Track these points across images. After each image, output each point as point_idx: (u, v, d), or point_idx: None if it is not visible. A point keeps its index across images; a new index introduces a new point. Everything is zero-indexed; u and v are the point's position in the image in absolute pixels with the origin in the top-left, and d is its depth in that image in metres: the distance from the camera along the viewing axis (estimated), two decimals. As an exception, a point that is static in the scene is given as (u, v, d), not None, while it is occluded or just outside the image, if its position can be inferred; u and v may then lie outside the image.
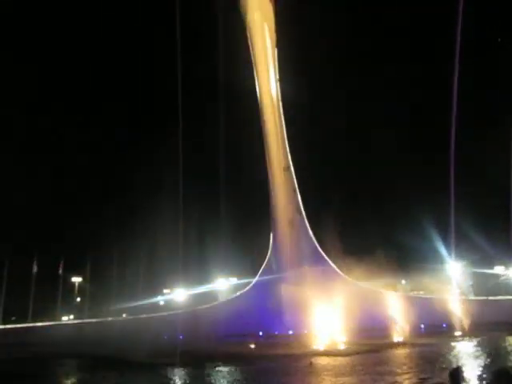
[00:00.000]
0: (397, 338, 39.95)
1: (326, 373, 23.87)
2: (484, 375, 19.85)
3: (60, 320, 67.84)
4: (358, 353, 30.53)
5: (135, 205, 74.89)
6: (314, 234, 58.47)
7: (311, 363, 26.35)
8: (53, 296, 67.90)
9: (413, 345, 35.85)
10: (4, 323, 63.61)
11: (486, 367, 22.03)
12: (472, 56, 59.20)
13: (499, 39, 67.08)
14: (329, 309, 26.77)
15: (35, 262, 69.18)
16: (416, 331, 44.81)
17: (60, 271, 73.13)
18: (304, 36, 59.63)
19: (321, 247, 58.00)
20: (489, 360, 25.48)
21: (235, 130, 60.50)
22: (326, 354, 29.25)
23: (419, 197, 64.91)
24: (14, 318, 67.70)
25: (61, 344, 43.10)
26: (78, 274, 72.41)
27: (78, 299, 73.59)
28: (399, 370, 23.45)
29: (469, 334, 42.15)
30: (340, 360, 27.78)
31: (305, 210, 58.53)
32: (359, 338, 37.45)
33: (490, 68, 70.97)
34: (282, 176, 56.15)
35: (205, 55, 71.41)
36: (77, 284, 72.47)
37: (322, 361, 27.84)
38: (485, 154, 63.12)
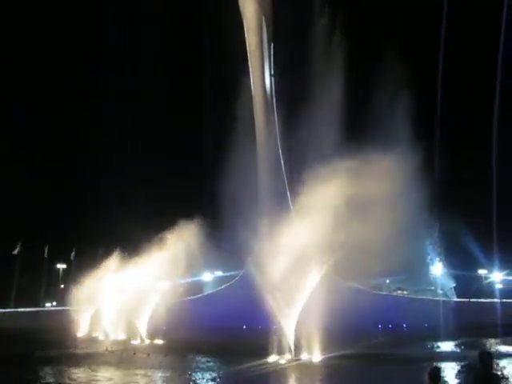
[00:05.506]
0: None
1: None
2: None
3: (43, 306, 67.24)
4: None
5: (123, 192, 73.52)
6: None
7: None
8: (37, 282, 67.24)
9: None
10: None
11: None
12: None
13: None
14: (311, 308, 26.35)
15: (18, 246, 68.32)
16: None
17: (45, 256, 72.59)
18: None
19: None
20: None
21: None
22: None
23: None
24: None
25: None
26: (62, 261, 71.91)
27: (62, 286, 73.07)
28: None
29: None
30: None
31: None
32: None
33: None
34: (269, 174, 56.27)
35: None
36: (61, 270, 72.00)
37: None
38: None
